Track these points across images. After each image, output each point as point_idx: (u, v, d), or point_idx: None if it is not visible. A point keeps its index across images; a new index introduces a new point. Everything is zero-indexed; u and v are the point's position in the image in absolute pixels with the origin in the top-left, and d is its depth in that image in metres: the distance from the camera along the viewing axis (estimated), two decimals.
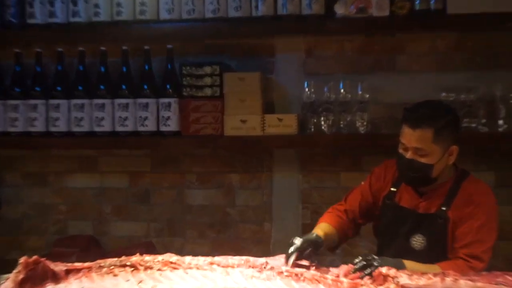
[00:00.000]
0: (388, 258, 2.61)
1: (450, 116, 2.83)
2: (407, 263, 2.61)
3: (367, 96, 3.77)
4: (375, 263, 2.48)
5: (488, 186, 2.91)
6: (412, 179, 2.85)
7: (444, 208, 2.83)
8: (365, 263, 2.50)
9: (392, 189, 2.99)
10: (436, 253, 2.78)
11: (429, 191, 2.89)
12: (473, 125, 3.66)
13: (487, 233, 2.75)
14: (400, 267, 2.47)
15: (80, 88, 3.99)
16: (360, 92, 3.77)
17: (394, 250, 2.87)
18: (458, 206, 2.81)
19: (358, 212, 3.06)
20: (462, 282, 2.18)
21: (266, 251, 3.90)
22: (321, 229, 2.91)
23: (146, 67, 3.96)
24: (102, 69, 4.00)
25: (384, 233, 3.00)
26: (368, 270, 2.46)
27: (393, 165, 2.99)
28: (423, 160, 2.78)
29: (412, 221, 2.89)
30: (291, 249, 2.65)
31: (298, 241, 2.69)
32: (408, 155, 2.81)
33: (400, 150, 2.86)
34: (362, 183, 3.14)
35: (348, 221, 3.06)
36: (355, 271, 2.48)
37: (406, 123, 2.81)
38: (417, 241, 2.85)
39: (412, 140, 2.79)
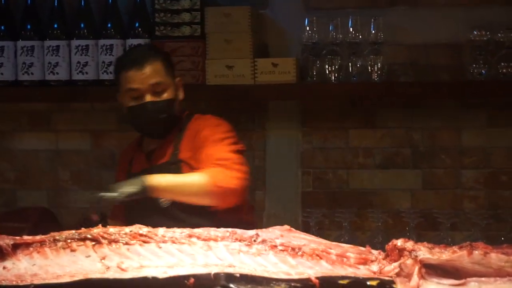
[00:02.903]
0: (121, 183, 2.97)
1: (160, 49, 3.35)
2: (150, 176, 2.96)
3: (382, 36, 3.77)
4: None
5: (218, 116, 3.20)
6: (159, 123, 3.12)
7: (175, 152, 3.12)
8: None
9: (128, 167, 3.26)
10: (185, 205, 3.01)
11: (158, 146, 3.18)
12: None
13: (227, 144, 3.08)
14: (139, 180, 2.91)
15: (28, 27, 3.98)
16: (373, 31, 3.78)
17: (144, 216, 2.99)
18: (187, 145, 3.11)
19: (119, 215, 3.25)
20: (494, 255, 2.20)
21: (259, 226, 3.93)
22: None
23: (110, 0, 3.95)
24: (56, 3, 3.98)
25: (131, 211, 3.15)
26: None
27: (125, 150, 3.39)
28: (163, 96, 3.10)
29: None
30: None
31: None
32: (147, 98, 3.08)
33: (131, 103, 3.11)
34: None
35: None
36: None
37: (130, 66, 3.08)
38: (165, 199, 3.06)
39: (146, 78, 3.07)
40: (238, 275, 2.19)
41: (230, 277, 2.18)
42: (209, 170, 2.97)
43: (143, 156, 3.24)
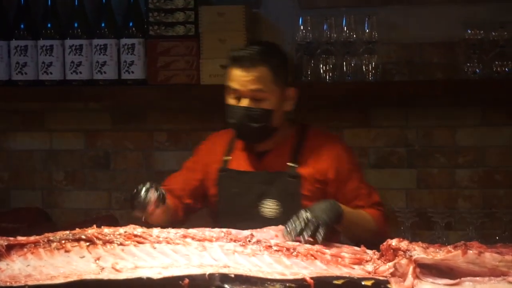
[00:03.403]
0: (314, 204, 2.74)
1: (282, 54, 3.08)
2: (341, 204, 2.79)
3: (376, 34, 3.78)
4: (313, 215, 2.60)
5: (334, 134, 3.17)
6: (252, 131, 2.96)
7: (293, 165, 2.98)
8: (303, 223, 2.59)
9: (225, 158, 3.10)
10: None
11: (269, 150, 3.04)
12: (506, 69, 3.68)
13: (363, 177, 3.06)
14: (336, 210, 2.70)
15: (22, 26, 3.98)
16: (367, 30, 3.78)
17: (242, 223, 2.80)
18: (306, 160, 2.99)
19: (183, 191, 3.13)
20: (488, 255, 2.21)
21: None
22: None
23: (104, 0, 3.94)
24: (50, 3, 3.98)
25: (228, 207, 3.05)
26: (308, 232, 2.56)
27: (222, 136, 3.16)
28: (261, 105, 2.93)
29: (259, 184, 3.01)
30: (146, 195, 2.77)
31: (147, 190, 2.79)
32: (244, 103, 2.94)
33: (231, 101, 2.99)
34: (186, 161, 3.23)
35: (175, 199, 3.09)
36: (296, 234, 2.56)
37: (238, 64, 2.95)
38: (269, 206, 2.97)
39: (248, 82, 2.92)
40: (232, 275, 2.20)
41: (224, 278, 2.18)
42: (377, 215, 2.95)
43: (253, 155, 3.07)
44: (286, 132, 3.06)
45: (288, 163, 2.99)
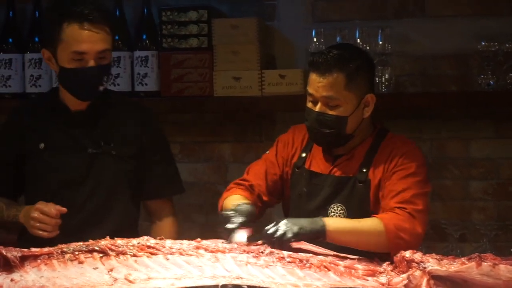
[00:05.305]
0: (301, 219, 2.72)
1: (363, 59, 2.95)
2: (328, 218, 2.76)
3: (390, 47, 3.79)
4: (283, 227, 2.61)
5: (412, 141, 3.02)
6: (323, 136, 2.92)
7: (364, 170, 2.93)
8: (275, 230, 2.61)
9: (302, 154, 3.07)
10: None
11: (345, 154, 2.99)
12: None
13: (417, 182, 2.86)
14: (317, 227, 2.66)
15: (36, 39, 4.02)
16: (380, 42, 3.79)
17: None
18: (378, 166, 2.92)
19: (264, 187, 3.09)
20: (503, 267, 2.21)
21: None
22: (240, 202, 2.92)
23: (118, 12, 3.97)
24: None
25: (297, 207, 3.04)
26: (277, 235, 2.59)
27: (301, 129, 3.08)
28: (335, 112, 2.87)
29: (328, 188, 2.97)
30: (233, 224, 2.70)
31: (236, 214, 2.74)
32: (318, 107, 2.89)
33: (309, 104, 2.94)
34: (267, 152, 3.18)
35: (255, 197, 3.07)
36: (263, 239, 2.60)
37: (313, 69, 2.89)
38: (335, 211, 2.93)
39: (321, 88, 2.86)
40: (245, 287, 2.20)
41: None
42: (392, 217, 2.76)
43: (328, 156, 3.01)
44: (364, 137, 3.00)
45: (360, 168, 2.95)
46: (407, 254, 2.37)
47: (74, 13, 2.88)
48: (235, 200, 2.94)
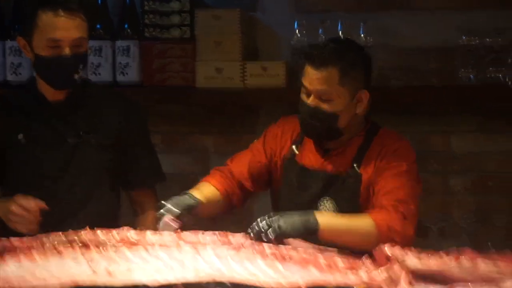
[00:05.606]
0: (293, 212, 2.70)
1: (359, 55, 2.95)
2: (321, 215, 2.73)
3: (372, 40, 3.79)
4: (277, 223, 2.60)
5: (404, 136, 3.03)
6: (315, 129, 2.93)
7: (355, 165, 2.93)
8: (266, 225, 2.60)
9: (293, 147, 3.07)
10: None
11: (336, 148, 2.99)
12: (501, 75, 3.70)
13: (409, 181, 2.88)
14: (311, 227, 2.63)
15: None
16: (362, 35, 3.80)
17: None
18: (369, 161, 2.92)
19: (246, 173, 3.09)
20: (481, 262, 2.23)
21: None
22: (200, 191, 2.94)
23: (99, 2, 3.95)
24: None
25: (286, 200, 3.04)
26: (271, 234, 2.57)
27: (292, 121, 3.09)
28: (327, 106, 2.87)
29: (318, 183, 2.97)
30: (161, 214, 2.73)
31: (173, 204, 2.76)
32: (310, 100, 2.89)
33: (303, 96, 2.94)
34: (255, 141, 3.18)
35: (234, 184, 3.08)
36: (254, 236, 2.59)
37: (309, 61, 2.89)
38: (325, 206, 2.93)
39: (315, 81, 2.86)
40: (229, 284, 2.21)
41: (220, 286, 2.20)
42: (385, 217, 2.75)
43: (320, 149, 3.00)
44: (357, 132, 2.99)
45: (351, 163, 2.94)
46: (387, 248, 2.38)
47: (50, 0, 2.86)
48: (198, 189, 2.95)
